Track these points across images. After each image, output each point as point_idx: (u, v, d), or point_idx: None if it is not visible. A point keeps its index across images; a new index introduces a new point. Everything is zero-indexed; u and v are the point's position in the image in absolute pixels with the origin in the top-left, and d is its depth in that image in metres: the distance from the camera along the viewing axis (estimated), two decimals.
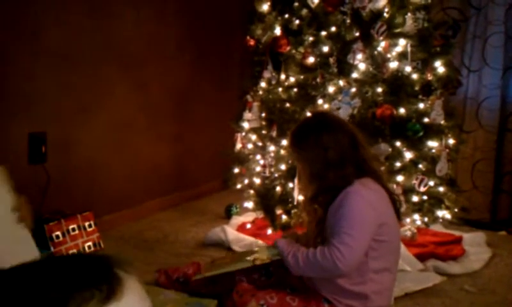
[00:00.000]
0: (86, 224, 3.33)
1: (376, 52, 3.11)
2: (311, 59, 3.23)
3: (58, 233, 3.17)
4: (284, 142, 3.29)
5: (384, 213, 1.98)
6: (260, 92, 3.52)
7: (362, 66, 3.09)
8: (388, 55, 3.10)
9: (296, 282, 2.17)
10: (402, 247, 3.16)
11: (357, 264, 1.88)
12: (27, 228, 1.54)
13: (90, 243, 3.31)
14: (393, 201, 2.06)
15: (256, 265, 2.15)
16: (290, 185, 3.21)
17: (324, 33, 3.22)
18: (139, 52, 3.85)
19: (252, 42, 3.57)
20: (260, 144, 3.59)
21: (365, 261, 1.93)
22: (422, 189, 3.12)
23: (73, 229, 3.25)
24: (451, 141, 3.29)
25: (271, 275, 2.29)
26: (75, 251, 3.20)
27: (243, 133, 3.65)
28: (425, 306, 2.75)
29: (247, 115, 3.57)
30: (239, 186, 3.72)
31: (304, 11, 3.35)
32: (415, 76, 3.13)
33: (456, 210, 3.33)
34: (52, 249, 3.10)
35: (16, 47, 3.04)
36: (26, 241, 1.55)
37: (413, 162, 3.14)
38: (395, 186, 3.07)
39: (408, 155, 3.11)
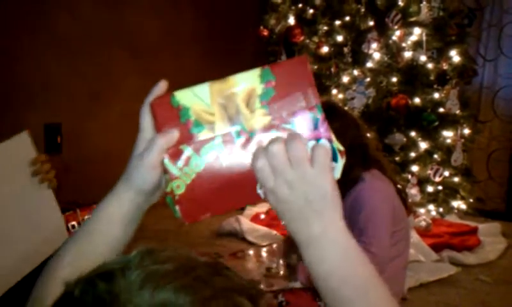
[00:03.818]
0: None
1: (390, 41, 3.09)
2: (325, 49, 3.21)
3: (74, 223, 3.18)
4: None
5: (396, 202, 1.97)
6: None
7: (377, 56, 3.07)
8: (403, 45, 3.08)
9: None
10: (418, 238, 3.15)
11: None
12: (50, 187, 1.54)
13: None
14: (399, 191, 2.04)
15: None
16: None
17: (338, 22, 3.20)
18: (153, 41, 3.85)
19: (266, 32, 3.56)
20: None
21: None
22: (437, 179, 3.10)
23: None
24: (466, 131, 3.26)
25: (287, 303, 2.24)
26: None
27: None
28: (440, 296, 2.74)
29: None
30: None
31: (318, 0, 3.33)
32: (430, 65, 3.10)
33: (471, 200, 3.31)
34: None
35: (30, 40, 3.06)
36: (47, 202, 1.56)
37: (428, 152, 3.12)
38: (410, 176, 3.06)
39: (423, 145, 3.09)
